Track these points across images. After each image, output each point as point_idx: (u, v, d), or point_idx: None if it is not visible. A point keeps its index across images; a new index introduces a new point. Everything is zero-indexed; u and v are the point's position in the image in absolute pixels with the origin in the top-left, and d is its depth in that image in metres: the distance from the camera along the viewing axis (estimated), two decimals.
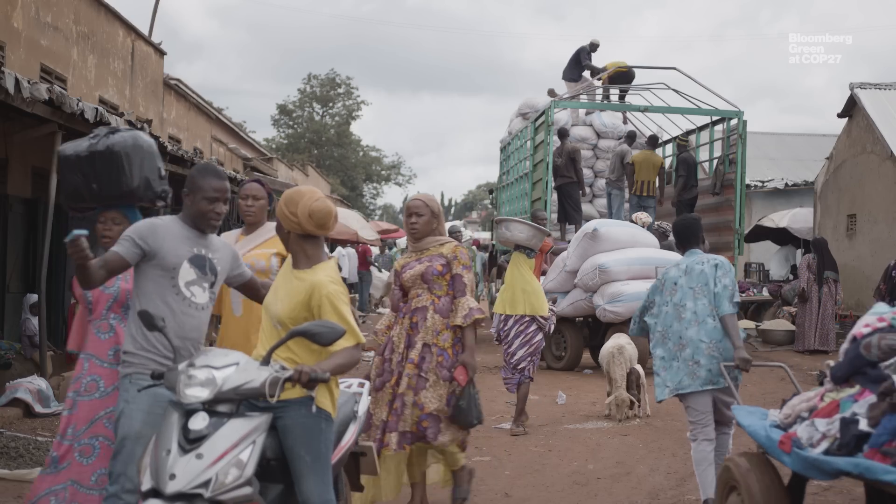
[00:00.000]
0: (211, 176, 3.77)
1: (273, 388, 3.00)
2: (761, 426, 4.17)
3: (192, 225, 3.78)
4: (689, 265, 5.44)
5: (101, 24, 14.28)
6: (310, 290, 3.36)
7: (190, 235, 3.77)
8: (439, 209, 4.97)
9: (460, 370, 4.82)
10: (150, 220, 3.78)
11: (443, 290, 4.89)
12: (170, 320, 3.59)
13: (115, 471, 3.56)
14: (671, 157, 15.83)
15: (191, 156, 11.81)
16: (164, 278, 3.68)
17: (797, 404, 4.10)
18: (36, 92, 6.91)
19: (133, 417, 3.57)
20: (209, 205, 3.74)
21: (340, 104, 55.95)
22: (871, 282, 14.57)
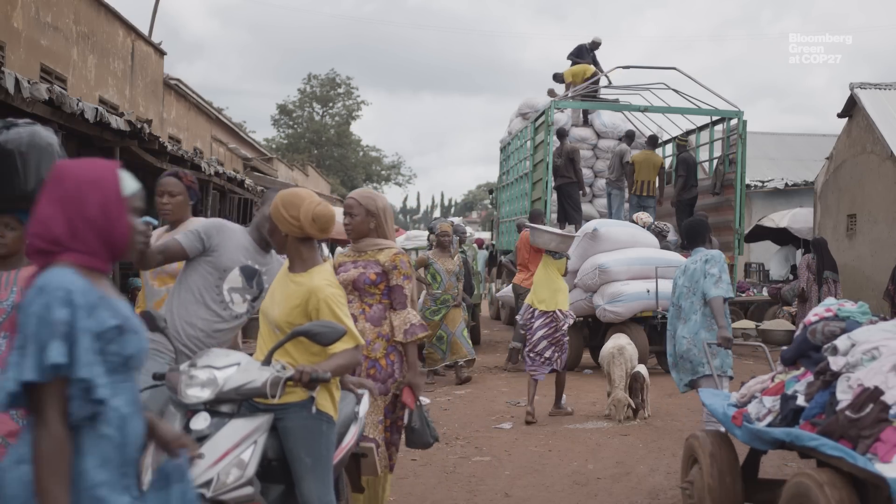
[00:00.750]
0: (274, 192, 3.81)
1: (274, 389, 3.01)
2: (721, 405, 4.69)
3: (255, 238, 3.93)
4: (687, 265, 5.87)
5: (101, 24, 14.28)
6: (307, 294, 3.35)
7: (252, 247, 3.93)
8: (378, 208, 4.41)
9: (407, 392, 4.47)
10: (222, 221, 3.97)
11: (375, 299, 4.44)
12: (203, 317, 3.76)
13: None
14: (671, 157, 15.83)
15: (191, 156, 11.81)
16: (211, 276, 3.83)
17: (752, 385, 4.63)
18: (36, 92, 6.91)
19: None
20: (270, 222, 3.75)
21: (340, 104, 55.99)
22: (871, 282, 14.57)
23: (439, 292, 10.22)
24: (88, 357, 2.03)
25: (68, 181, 2.14)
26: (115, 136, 8.79)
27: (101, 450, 2.08)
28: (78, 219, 2.12)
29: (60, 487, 1.98)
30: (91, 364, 2.03)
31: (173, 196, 4.43)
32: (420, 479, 6.03)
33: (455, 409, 8.74)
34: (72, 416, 2.03)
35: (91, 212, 2.12)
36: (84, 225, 2.12)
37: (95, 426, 2.07)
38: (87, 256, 2.14)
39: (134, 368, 2.19)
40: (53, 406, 2.01)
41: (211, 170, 12.75)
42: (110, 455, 2.10)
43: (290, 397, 3.28)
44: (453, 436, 7.46)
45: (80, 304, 2.04)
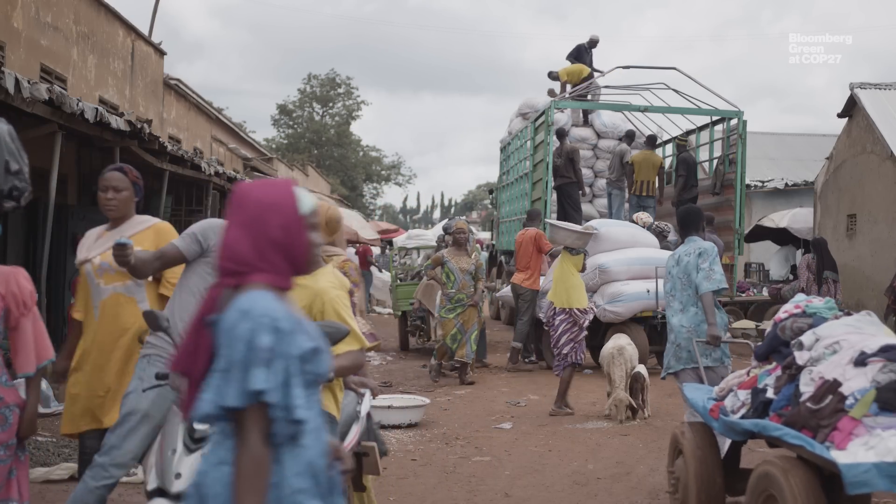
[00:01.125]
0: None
1: None
2: (701, 399, 4.95)
3: None
4: (680, 256, 6.03)
5: (101, 24, 14.28)
6: (312, 297, 3.35)
7: None
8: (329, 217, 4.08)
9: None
10: (216, 220, 3.91)
11: None
12: None
13: (109, 442, 3.64)
14: (671, 157, 15.84)
15: (191, 156, 11.81)
16: (210, 277, 3.77)
17: (730, 380, 4.90)
18: (36, 92, 6.91)
19: (144, 395, 3.67)
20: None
21: (340, 104, 56.00)
22: (871, 282, 14.57)
23: (453, 291, 10.14)
24: (290, 381, 2.12)
25: (249, 205, 2.25)
26: (115, 136, 8.79)
27: (299, 460, 2.18)
28: (262, 241, 2.22)
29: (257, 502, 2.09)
30: (292, 387, 2.12)
31: (119, 192, 4.24)
32: (420, 479, 6.03)
33: (455, 409, 8.74)
34: (275, 438, 2.12)
35: (273, 233, 2.23)
36: (269, 246, 2.23)
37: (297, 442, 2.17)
38: (275, 276, 2.24)
39: (319, 384, 2.29)
40: (255, 428, 2.10)
41: (211, 170, 12.75)
42: (307, 464, 2.20)
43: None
44: (453, 436, 7.46)
45: (283, 329, 2.13)
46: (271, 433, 2.12)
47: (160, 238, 4.20)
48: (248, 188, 2.29)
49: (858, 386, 3.78)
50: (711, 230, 12.11)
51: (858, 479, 3.33)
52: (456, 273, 10.11)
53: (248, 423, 2.11)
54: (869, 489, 3.34)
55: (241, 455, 2.09)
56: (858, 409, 3.67)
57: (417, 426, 7.78)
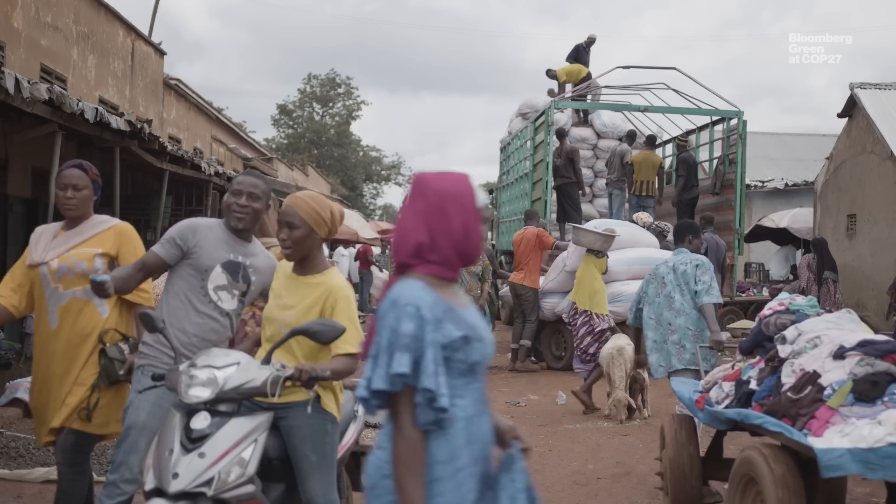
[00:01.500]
0: (242, 174, 3.86)
1: (274, 387, 3.01)
2: (688, 391, 5.23)
3: (230, 227, 3.78)
4: (675, 264, 6.36)
5: (101, 24, 14.28)
6: (326, 293, 3.35)
7: (229, 240, 3.77)
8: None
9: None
10: (194, 220, 3.80)
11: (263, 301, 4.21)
12: (194, 321, 3.66)
13: (116, 459, 3.60)
14: (671, 157, 15.84)
15: (190, 156, 11.81)
16: (194, 278, 3.70)
17: (716, 373, 5.15)
18: (36, 92, 6.91)
19: (140, 408, 3.61)
20: (233, 197, 3.74)
21: (340, 104, 56.01)
22: (871, 282, 14.57)
23: None
24: (432, 368, 2.18)
25: (430, 194, 2.29)
26: (115, 136, 8.79)
27: (447, 448, 2.23)
28: (439, 231, 2.27)
29: (415, 484, 2.18)
30: (434, 375, 2.18)
31: (78, 190, 4.01)
32: None
33: None
34: (418, 422, 2.20)
35: (452, 225, 2.27)
36: (444, 237, 2.28)
37: (443, 429, 2.23)
38: (441, 267, 2.29)
39: (479, 373, 2.35)
40: (406, 412, 2.20)
41: (211, 170, 12.75)
42: (456, 452, 2.25)
43: (296, 396, 3.29)
44: None
45: (427, 318, 2.20)
46: (416, 419, 2.19)
47: (122, 240, 4.06)
48: (427, 178, 2.33)
49: (836, 378, 4.01)
50: (712, 230, 12.13)
51: (833, 463, 3.53)
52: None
53: (399, 407, 2.20)
54: (842, 472, 3.57)
55: (396, 439, 2.20)
56: (835, 399, 3.90)
57: None
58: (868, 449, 3.56)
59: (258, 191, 3.77)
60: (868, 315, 14.60)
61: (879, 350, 4.07)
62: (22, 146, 9.67)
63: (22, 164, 10.20)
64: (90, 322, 3.98)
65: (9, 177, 9.94)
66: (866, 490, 5.77)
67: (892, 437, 3.59)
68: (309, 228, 3.36)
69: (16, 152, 9.89)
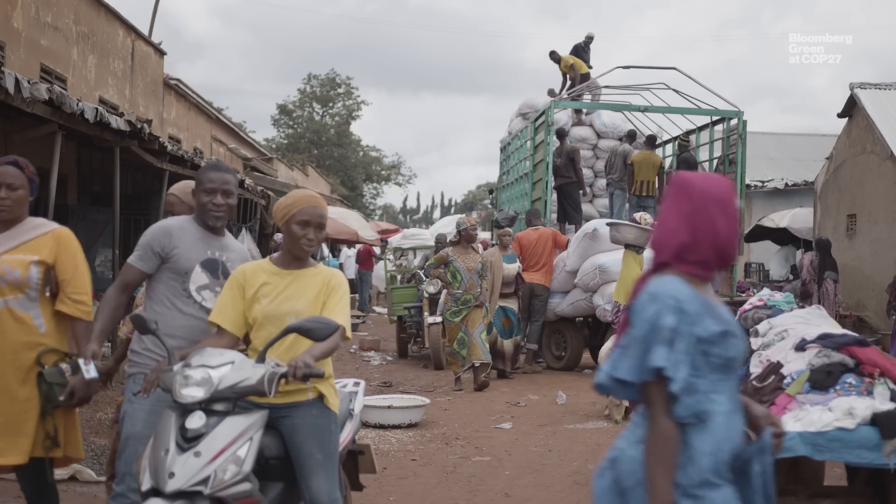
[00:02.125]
0: (209, 169, 3.70)
1: (270, 385, 3.02)
2: None
3: (202, 224, 3.68)
4: None
5: (101, 24, 14.28)
6: (323, 283, 3.42)
7: (203, 237, 3.68)
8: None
9: None
10: (165, 224, 3.66)
11: None
12: (181, 324, 3.59)
13: (120, 470, 3.52)
14: (671, 157, 15.85)
15: (191, 156, 11.81)
16: (175, 282, 3.62)
17: None
18: (36, 92, 6.91)
19: (136, 417, 3.54)
20: (206, 196, 3.63)
21: (340, 104, 55.98)
22: (871, 282, 14.57)
23: (460, 292, 9.68)
24: (683, 360, 2.23)
25: (696, 196, 2.35)
26: (115, 136, 8.79)
27: (706, 442, 2.27)
28: (703, 232, 2.33)
29: (664, 476, 2.22)
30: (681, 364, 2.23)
31: (13, 190, 3.69)
32: (420, 479, 6.03)
33: (455, 409, 8.74)
34: (678, 417, 2.25)
35: (716, 226, 2.33)
36: (707, 238, 2.33)
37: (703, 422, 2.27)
38: (698, 266, 2.35)
39: (734, 369, 2.38)
40: (659, 405, 2.24)
41: None
42: (715, 446, 2.29)
43: (299, 396, 3.31)
44: (453, 436, 7.46)
45: (689, 311, 2.26)
46: (674, 412, 2.23)
47: (60, 247, 3.74)
48: (693, 180, 2.38)
49: (796, 368, 4.39)
50: None
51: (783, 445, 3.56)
52: (463, 272, 9.70)
53: (652, 399, 2.25)
54: (792, 454, 3.87)
55: (649, 431, 2.24)
56: (793, 388, 4.29)
57: (417, 426, 7.78)
58: (816, 432, 3.90)
59: (231, 186, 3.67)
60: (868, 315, 14.61)
61: (836, 343, 4.48)
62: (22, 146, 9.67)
63: None
64: (24, 335, 3.66)
65: None
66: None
67: (840, 422, 3.94)
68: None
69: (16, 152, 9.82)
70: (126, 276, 3.61)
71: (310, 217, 3.39)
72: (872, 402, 4.15)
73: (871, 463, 4.05)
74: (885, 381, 4.29)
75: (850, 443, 3.97)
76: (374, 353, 13.55)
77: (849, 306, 14.90)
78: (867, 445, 3.97)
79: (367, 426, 7.51)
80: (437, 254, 10.33)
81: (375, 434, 7.39)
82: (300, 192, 3.63)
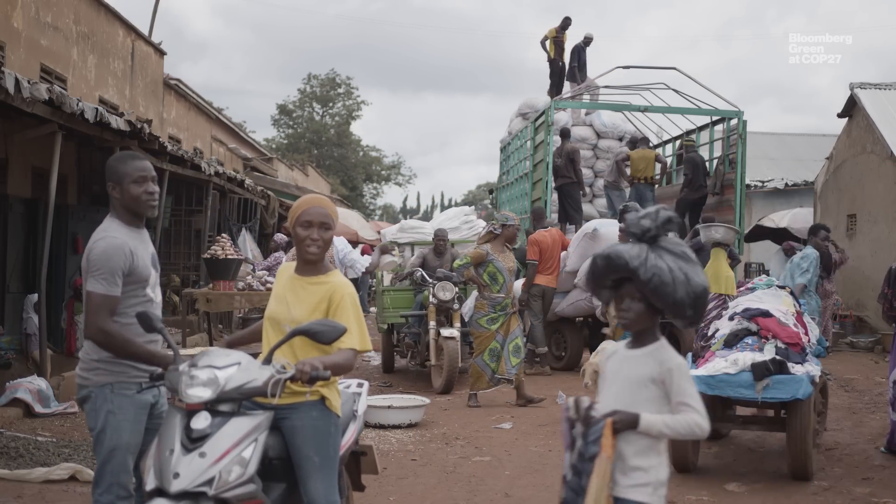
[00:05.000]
0: (129, 159, 3.62)
1: (275, 388, 3.02)
2: None
3: (129, 221, 3.61)
4: None
5: (101, 24, 14.29)
6: (330, 291, 3.39)
7: (138, 234, 3.64)
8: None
9: None
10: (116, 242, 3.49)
11: None
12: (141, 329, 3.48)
13: (105, 481, 3.46)
14: (671, 157, 15.86)
15: (190, 156, 11.81)
16: (138, 289, 3.57)
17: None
18: (36, 92, 6.91)
19: (120, 428, 3.48)
20: (139, 187, 3.56)
21: (340, 104, 55.98)
22: (870, 282, 14.56)
23: (501, 296, 8.59)
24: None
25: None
26: (115, 136, 8.80)
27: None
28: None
29: None
30: None
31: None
32: (420, 479, 6.03)
33: (455, 409, 8.73)
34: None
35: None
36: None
37: None
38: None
39: None
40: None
41: (211, 170, 12.75)
42: None
43: (301, 397, 3.30)
44: (453, 436, 7.45)
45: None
46: None
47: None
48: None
49: (722, 332, 6.30)
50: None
51: None
52: (504, 273, 8.60)
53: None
54: None
55: None
56: (716, 346, 6.17)
57: (417, 426, 7.78)
58: (709, 375, 5.74)
59: (154, 172, 3.66)
60: (868, 315, 14.60)
61: (749, 314, 6.27)
62: (22, 146, 9.68)
63: (22, 164, 10.20)
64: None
65: (9, 177, 9.94)
66: (866, 490, 5.78)
67: (727, 369, 5.75)
68: (334, 228, 3.46)
69: (16, 152, 9.90)
70: (111, 306, 3.45)
71: (312, 217, 3.39)
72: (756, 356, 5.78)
73: (745, 398, 5.76)
74: (774, 342, 5.96)
75: (732, 383, 5.68)
76: (374, 353, 13.54)
77: (849, 306, 14.90)
78: (744, 385, 5.65)
79: (367, 426, 7.51)
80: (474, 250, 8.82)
81: (375, 434, 7.39)
82: (306, 196, 3.64)
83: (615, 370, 3.00)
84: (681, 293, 2.80)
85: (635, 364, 2.92)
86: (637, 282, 2.83)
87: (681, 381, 2.84)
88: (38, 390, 7.55)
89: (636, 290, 2.86)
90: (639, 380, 2.89)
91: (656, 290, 2.80)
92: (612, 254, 2.88)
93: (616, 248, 2.90)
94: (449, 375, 9.34)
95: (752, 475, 6.16)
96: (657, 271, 2.80)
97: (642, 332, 2.94)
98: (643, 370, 2.89)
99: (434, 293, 9.63)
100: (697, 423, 2.80)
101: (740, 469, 6.35)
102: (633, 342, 2.97)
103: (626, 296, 2.90)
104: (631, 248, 2.88)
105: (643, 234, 2.91)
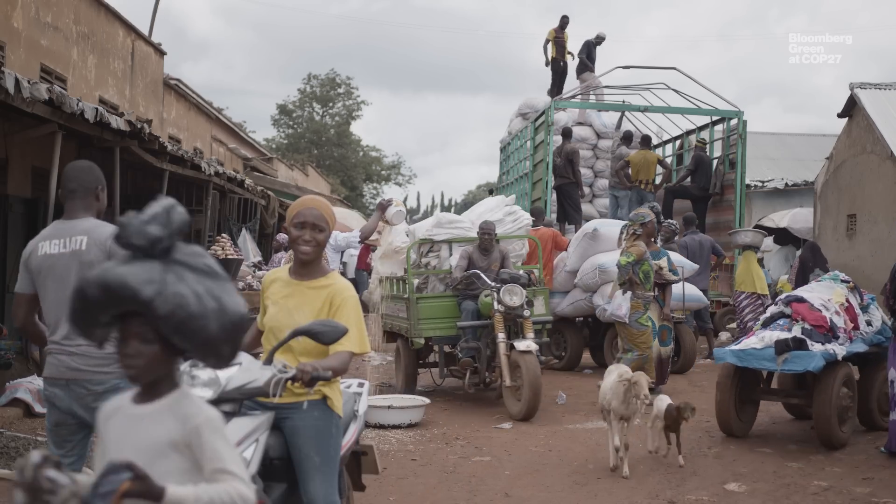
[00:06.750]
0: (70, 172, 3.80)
1: (276, 388, 3.01)
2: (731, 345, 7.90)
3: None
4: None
5: (101, 24, 14.29)
6: (331, 295, 3.35)
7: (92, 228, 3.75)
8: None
9: None
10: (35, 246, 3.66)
11: None
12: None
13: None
14: (671, 157, 15.86)
15: (190, 156, 11.81)
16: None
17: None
18: (36, 92, 6.91)
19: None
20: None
21: (340, 104, 55.97)
22: (871, 282, 14.55)
23: (650, 294, 8.46)
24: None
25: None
26: (115, 136, 8.79)
27: None
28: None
29: None
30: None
31: None
32: (420, 479, 6.03)
33: (455, 409, 8.73)
34: None
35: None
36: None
37: None
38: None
39: None
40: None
41: (211, 170, 12.75)
42: None
43: (302, 397, 3.29)
44: (453, 436, 7.46)
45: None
46: None
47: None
48: None
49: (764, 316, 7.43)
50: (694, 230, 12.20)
51: (719, 356, 7.11)
52: (654, 271, 8.55)
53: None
54: (723, 361, 7.04)
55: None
56: (756, 327, 7.33)
57: (417, 426, 7.78)
58: (739, 349, 6.90)
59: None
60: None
61: (788, 300, 7.27)
62: (22, 146, 9.68)
63: (22, 164, 10.20)
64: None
65: (9, 177, 9.94)
66: (866, 490, 5.78)
67: (754, 344, 6.83)
68: (329, 230, 3.39)
69: (16, 152, 9.89)
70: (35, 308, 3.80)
71: (304, 218, 3.36)
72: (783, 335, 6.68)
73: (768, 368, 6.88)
74: (802, 323, 6.84)
75: (757, 356, 6.73)
76: (373, 353, 13.54)
77: None
78: (767, 358, 6.67)
79: (368, 426, 7.51)
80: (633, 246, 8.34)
81: (375, 434, 7.39)
82: (304, 196, 3.64)
83: (119, 437, 2.15)
84: (213, 327, 2.06)
85: (148, 425, 2.12)
86: (151, 317, 2.03)
87: (213, 440, 2.09)
88: (38, 390, 7.55)
89: (149, 328, 2.06)
90: (155, 447, 2.10)
91: (181, 326, 2.03)
92: (112, 280, 2.02)
93: (116, 271, 2.03)
94: (532, 397, 7.90)
95: (752, 475, 6.17)
96: (180, 301, 2.02)
97: (156, 382, 2.15)
98: (159, 432, 2.10)
99: (500, 298, 8.22)
100: (240, 492, 2.03)
101: (740, 469, 6.35)
102: (143, 395, 2.16)
103: (134, 337, 2.08)
104: (138, 269, 2.04)
105: (152, 245, 2.07)
